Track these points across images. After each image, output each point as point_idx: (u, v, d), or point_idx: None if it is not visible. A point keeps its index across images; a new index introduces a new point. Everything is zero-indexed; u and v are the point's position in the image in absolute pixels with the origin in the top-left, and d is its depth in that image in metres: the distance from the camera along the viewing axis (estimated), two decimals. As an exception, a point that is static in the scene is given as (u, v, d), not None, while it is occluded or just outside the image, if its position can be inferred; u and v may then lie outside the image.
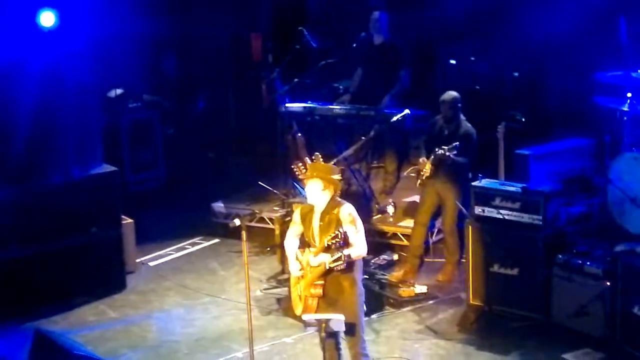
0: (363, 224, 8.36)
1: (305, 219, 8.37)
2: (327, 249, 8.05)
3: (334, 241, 7.98)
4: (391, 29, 12.70)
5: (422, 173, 10.86)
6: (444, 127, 10.93)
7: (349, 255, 8.03)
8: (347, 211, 8.18)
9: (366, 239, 8.28)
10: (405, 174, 11.20)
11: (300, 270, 8.35)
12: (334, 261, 8.03)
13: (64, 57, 10.72)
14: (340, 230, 7.98)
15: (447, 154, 10.46)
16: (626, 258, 9.41)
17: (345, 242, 8.03)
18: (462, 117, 10.93)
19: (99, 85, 11.72)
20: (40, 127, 10.69)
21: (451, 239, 11.07)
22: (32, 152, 10.69)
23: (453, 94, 10.93)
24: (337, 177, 8.29)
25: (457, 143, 10.46)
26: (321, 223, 8.24)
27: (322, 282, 8.19)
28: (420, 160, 10.93)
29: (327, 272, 8.14)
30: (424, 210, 11.15)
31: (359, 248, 8.15)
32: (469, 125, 10.89)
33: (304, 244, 8.47)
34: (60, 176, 10.93)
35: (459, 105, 10.91)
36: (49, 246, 10.80)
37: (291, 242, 8.51)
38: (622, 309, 9.35)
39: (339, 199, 8.32)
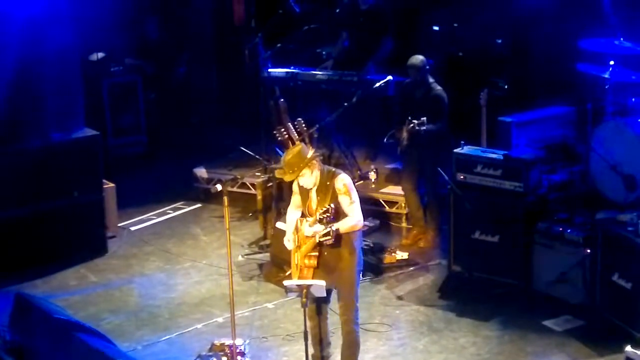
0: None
1: (304, 190, 8.33)
2: (320, 222, 8.04)
3: (324, 215, 7.97)
4: (376, -6, 12.68)
5: (401, 140, 10.88)
6: (414, 91, 10.95)
7: (337, 230, 8.00)
8: (342, 182, 8.12)
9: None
10: (385, 140, 11.23)
11: (295, 242, 8.30)
12: (323, 235, 8.02)
13: (44, 19, 10.63)
14: (331, 205, 7.97)
15: (417, 128, 10.48)
16: (607, 226, 9.44)
17: (335, 217, 8.01)
18: (430, 79, 10.94)
19: (80, 48, 11.62)
20: (20, 90, 10.63)
21: (432, 203, 11.11)
22: (13, 116, 10.63)
23: (420, 57, 10.95)
24: (311, 153, 8.18)
25: (424, 118, 10.46)
26: (318, 197, 8.20)
27: (316, 253, 8.14)
28: (397, 128, 10.95)
29: (320, 244, 8.12)
30: (408, 177, 11.22)
31: (351, 219, 8.10)
32: (439, 87, 10.92)
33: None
34: (41, 140, 10.88)
35: (427, 67, 10.92)
36: (30, 210, 10.77)
37: (292, 213, 8.44)
38: (602, 276, 9.39)
39: (333, 169, 8.26)
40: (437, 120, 10.68)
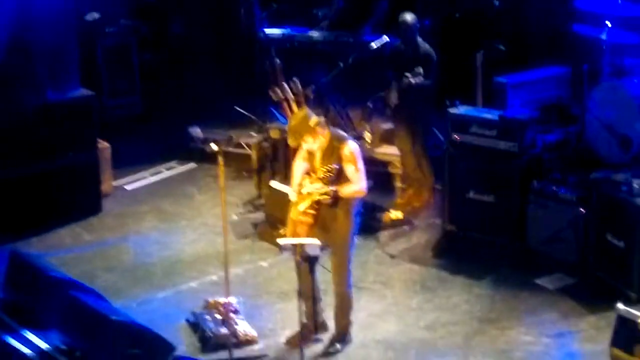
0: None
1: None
2: (322, 180, 8.05)
3: (327, 174, 7.99)
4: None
5: (389, 102, 10.88)
6: (403, 50, 10.93)
7: (336, 191, 8.04)
8: (349, 149, 8.16)
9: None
10: (369, 103, 11.27)
11: (297, 194, 8.32)
12: (322, 194, 8.03)
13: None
14: (335, 166, 7.99)
15: (412, 81, 10.47)
16: (601, 185, 9.46)
17: (337, 178, 8.04)
18: (419, 38, 10.92)
19: (75, 9, 11.58)
20: (15, 51, 10.59)
21: (424, 163, 11.12)
22: (8, 76, 10.60)
23: (412, 14, 10.90)
24: (315, 119, 8.17)
25: (420, 69, 10.45)
26: (323, 159, 8.20)
27: (313, 211, 8.17)
28: (385, 90, 10.94)
29: (319, 203, 8.12)
30: (401, 139, 11.19)
31: (354, 186, 8.13)
32: (427, 45, 10.90)
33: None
34: (37, 100, 10.86)
35: (418, 26, 10.91)
36: (26, 169, 10.77)
37: (299, 164, 8.43)
38: (595, 235, 9.43)
39: (343, 134, 8.30)
40: (427, 77, 10.68)
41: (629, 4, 11.06)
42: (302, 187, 8.27)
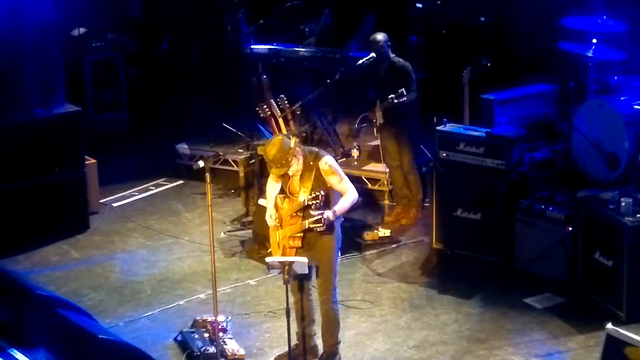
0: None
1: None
2: (309, 208, 8.00)
3: (314, 202, 7.94)
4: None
5: (374, 120, 10.91)
6: (378, 68, 10.97)
7: (330, 215, 7.98)
8: (326, 163, 8.10)
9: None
10: (356, 126, 11.30)
11: (276, 220, 8.28)
12: (314, 222, 7.98)
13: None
14: (321, 192, 7.96)
15: (396, 101, 10.51)
16: (588, 204, 9.46)
17: (325, 204, 8.00)
18: (392, 54, 10.95)
19: (61, 24, 11.56)
20: (1, 66, 10.56)
21: (412, 178, 11.14)
22: (-7, 91, 10.58)
23: (382, 34, 10.97)
24: (292, 141, 8.11)
25: (402, 89, 10.49)
26: (303, 174, 8.15)
27: (301, 234, 8.13)
28: (370, 109, 10.98)
29: (307, 230, 8.08)
30: (390, 155, 11.22)
31: (348, 196, 8.10)
32: (401, 60, 10.96)
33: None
34: (23, 116, 10.82)
35: (389, 44, 10.96)
36: (12, 186, 10.72)
37: (271, 187, 8.38)
38: (583, 254, 9.43)
39: (315, 149, 8.24)
40: (409, 91, 10.70)
41: (615, 21, 11.09)
42: (280, 209, 8.24)
